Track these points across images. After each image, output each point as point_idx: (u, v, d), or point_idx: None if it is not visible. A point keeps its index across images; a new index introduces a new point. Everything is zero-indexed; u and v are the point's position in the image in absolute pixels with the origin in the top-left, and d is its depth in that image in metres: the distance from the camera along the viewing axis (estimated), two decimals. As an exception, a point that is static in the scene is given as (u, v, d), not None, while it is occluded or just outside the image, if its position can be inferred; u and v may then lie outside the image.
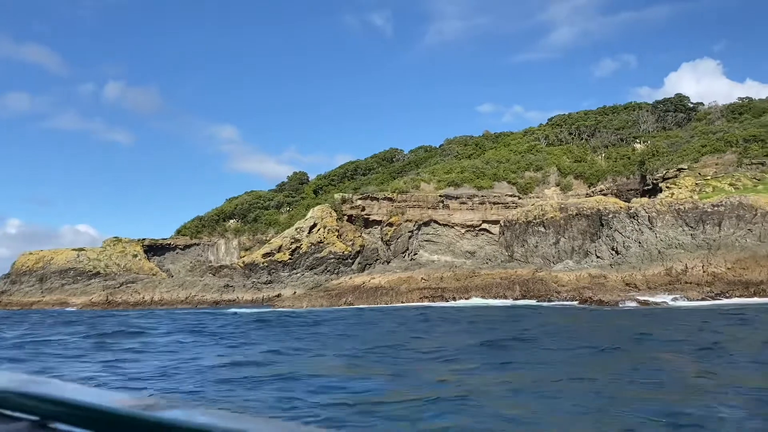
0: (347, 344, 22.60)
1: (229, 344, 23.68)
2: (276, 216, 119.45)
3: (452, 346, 20.30)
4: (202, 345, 23.69)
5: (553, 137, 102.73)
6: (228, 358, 19.34)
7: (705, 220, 56.32)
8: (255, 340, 25.64)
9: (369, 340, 23.64)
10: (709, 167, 75.63)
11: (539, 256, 60.63)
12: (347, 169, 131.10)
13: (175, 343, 24.35)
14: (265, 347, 22.05)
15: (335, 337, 26.08)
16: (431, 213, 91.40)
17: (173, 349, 22.45)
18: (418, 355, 18.63)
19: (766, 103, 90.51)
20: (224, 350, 21.77)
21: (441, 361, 17.21)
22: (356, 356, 18.93)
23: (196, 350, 21.76)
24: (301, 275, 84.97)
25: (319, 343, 23.46)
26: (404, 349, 20.21)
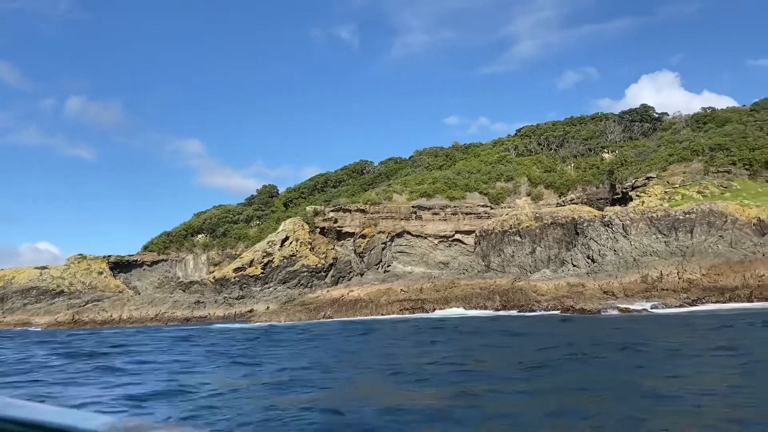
0: (377, 360, 21.45)
1: (250, 362, 22.24)
2: (245, 230, 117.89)
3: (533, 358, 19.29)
4: (222, 365, 22.21)
5: (522, 148, 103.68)
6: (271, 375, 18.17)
7: (677, 227, 57.14)
8: (271, 356, 24.06)
9: (410, 355, 22.33)
10: (676, 176, 76.98)
11: (516, 266, 60.73)
12: (317, 182, 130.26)
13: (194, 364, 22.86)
14: (292, 364, 20.72)
15: (361, 353, 24.59)
16: (404, 224, 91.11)
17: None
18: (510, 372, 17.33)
19: (729, 113, 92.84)
20: (247, 369, 20.27)
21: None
22: (398, 373, 17.65)
23: (229, 372, 20.27)
24: (274, 289, 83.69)
25: (348, 360, 22.06)
26: (463, 365, 19.00)
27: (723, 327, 27.33)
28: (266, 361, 22.10)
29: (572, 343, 23.29)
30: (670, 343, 22.07)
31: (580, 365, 17.73)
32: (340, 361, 22.05)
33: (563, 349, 21.14)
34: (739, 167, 73.69)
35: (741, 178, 72.71)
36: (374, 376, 17.68)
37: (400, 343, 28.43)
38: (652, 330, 28.57)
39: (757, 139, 76.64)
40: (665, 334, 26.04)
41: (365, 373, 18.48)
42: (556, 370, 16.72)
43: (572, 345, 22.39)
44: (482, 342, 26.49)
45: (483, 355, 21.59)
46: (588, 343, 23.45)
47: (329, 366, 20.14)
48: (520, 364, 18.25)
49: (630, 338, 23.99)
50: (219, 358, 24.10)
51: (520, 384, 14.53)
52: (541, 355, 20.34)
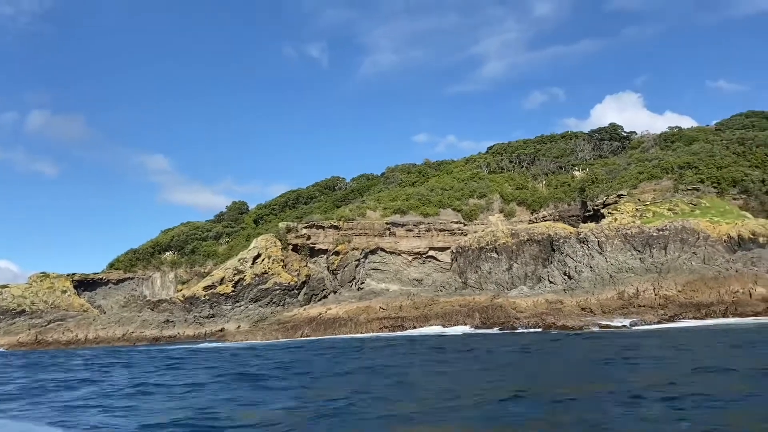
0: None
1: (285, 386, 20.86)
2: (215, 247, 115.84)
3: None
4: (262, 390, 20.64)
5: (494, 165, 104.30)
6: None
7: (651, 244, 57.75)
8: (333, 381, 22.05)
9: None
10: (647, 193, 78.07)
11: (493, 282, 60.60)
12: (288, 198, 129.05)
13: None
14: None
15: (405, 376, 22.36)
16: (378, 241, 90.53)
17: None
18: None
19: (695, 132, 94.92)
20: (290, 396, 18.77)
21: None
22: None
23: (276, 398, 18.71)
24: (245, 308, 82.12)
25: (398, 388, 20.05)
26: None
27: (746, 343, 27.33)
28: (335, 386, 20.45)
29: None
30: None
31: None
32: (395, 386, 20.13)
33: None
34: (708, 185, 75.10)
35: (709, 196, 74.03)
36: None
37: (453, 365, 26.17)
38: (680, 347, 28.12)
39: (724, 158, 78.32)
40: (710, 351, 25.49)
41: (462, 408, 15.52)
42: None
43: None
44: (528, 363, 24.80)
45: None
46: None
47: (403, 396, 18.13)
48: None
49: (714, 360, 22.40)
50: (265, 389, 21.16)
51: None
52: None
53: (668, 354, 25.57)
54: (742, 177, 74.34)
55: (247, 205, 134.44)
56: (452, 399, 16.55)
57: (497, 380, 20.18)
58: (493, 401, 15.57)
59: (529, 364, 24.98)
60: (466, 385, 19.55)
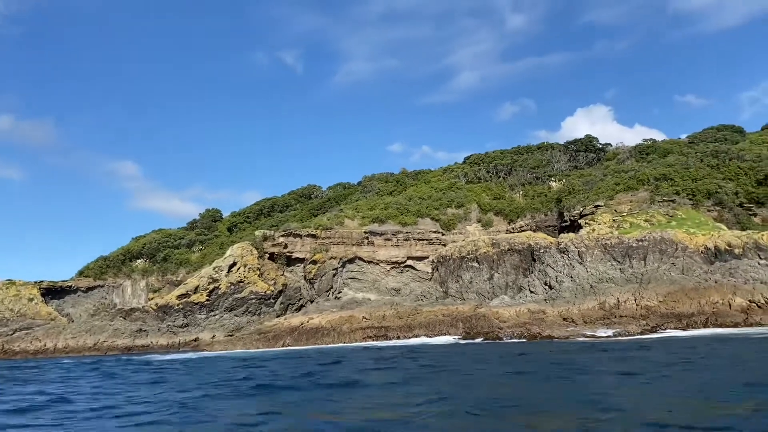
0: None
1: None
2: (187, 255, 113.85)
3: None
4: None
5: (472, 175, 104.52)
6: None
7: (631, 254, 58.13)
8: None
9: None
10: (624, 204, 78.84)
11: (474, 292, 60.37)
12: (263, 206, 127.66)
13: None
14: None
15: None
16: (356, 250, 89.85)
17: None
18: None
19: (669, 145, 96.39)
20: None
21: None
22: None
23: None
24: (220, 317, 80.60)
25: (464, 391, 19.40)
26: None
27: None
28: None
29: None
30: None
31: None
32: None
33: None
34: (683, 197, 76.10)
35: (685, 208, 75.00)
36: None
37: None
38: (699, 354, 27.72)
39: (699, 170, 79.50)
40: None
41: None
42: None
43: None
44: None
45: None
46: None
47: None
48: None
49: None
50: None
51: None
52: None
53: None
54: (717, 189, 75.52)
55: (220, 212, 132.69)
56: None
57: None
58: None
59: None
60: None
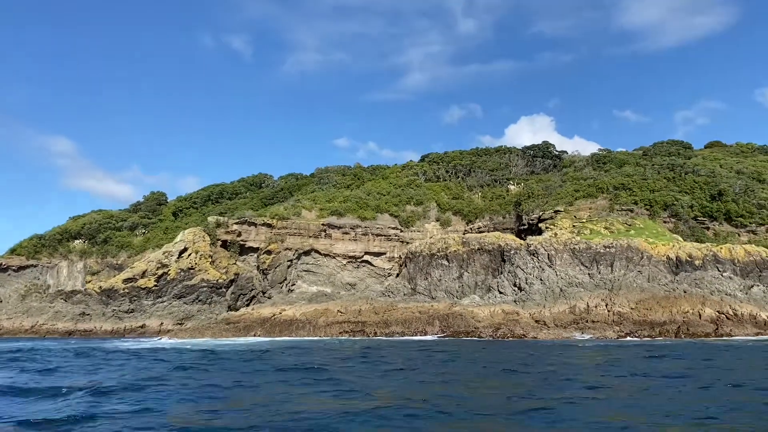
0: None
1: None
2: (129, 238, 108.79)
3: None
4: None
5: (431, 174, 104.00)
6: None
7: (598, 260, 58.59)
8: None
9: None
10: (583, 210, 79.83)
11: (443, 290, 59.50)
12: (211, 192, 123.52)
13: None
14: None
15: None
16: (313, 242, 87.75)
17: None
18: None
19: (624, 156, 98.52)
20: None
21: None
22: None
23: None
24: (169, 304, 76.99)
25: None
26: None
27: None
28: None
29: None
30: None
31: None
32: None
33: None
34: (641, 207, 77.74)
35: (642, 218, 76.57)
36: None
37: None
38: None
39: (656, 182, 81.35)
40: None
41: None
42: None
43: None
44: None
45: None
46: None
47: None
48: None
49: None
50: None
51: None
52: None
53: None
54: (673, 201, 77.47)
55: (165, 196, 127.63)
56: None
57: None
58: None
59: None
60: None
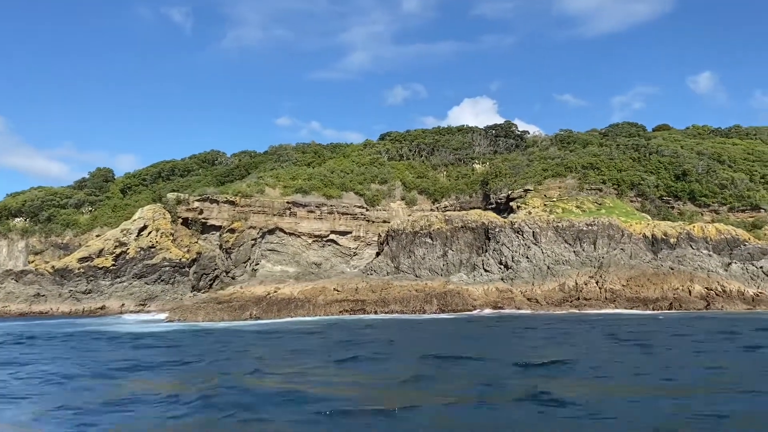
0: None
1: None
2: (75, 216, 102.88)
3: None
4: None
5: (394, 152, 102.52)
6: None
7: (581, 238, 58.75)
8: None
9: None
10: (552, 190, 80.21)
11: (427, 269, 58.33)
12: (162, 169, 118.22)
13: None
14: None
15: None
16: (277, 220, 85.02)
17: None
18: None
19: (587, 136, 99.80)
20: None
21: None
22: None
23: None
24: (129, 285, 73.05)
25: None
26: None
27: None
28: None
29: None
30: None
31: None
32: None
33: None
34: (609, 186, 78.74)
35: (611, 197, 77.57)
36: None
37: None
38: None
39: (623, 161, 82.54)
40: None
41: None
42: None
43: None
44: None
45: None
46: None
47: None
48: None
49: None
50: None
51: None
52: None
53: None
54: (640, 181, 78.85)
55: (112, 172, 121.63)
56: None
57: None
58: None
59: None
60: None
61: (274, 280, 74.85)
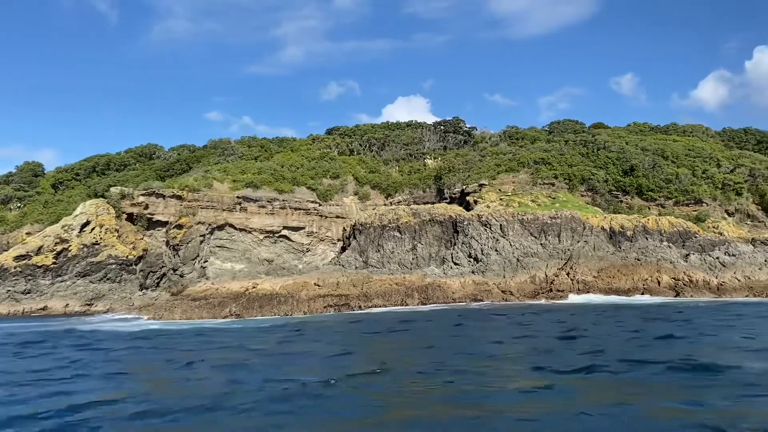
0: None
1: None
2: (2, 213, 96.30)
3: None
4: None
5: (344, 147, 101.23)
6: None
7: (546, 230, 59.41)
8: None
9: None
10: (507, 184, 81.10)
11: (396, 263, 57.40)
12: (97, 163, 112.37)
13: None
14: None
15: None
16: (227, 216, 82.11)
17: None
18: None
19: (534, 132, 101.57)
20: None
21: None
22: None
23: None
24: (72, 284, 68.64)
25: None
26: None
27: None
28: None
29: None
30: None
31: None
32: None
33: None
34: (561, 181, 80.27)
35: (563, 191, 79.12)
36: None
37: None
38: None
39: (573, 157, 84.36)
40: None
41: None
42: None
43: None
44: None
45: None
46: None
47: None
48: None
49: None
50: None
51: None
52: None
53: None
54: (590, 176, 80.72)
55: (42, 166, 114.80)
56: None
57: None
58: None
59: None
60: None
61: (227, 278, 72.43)
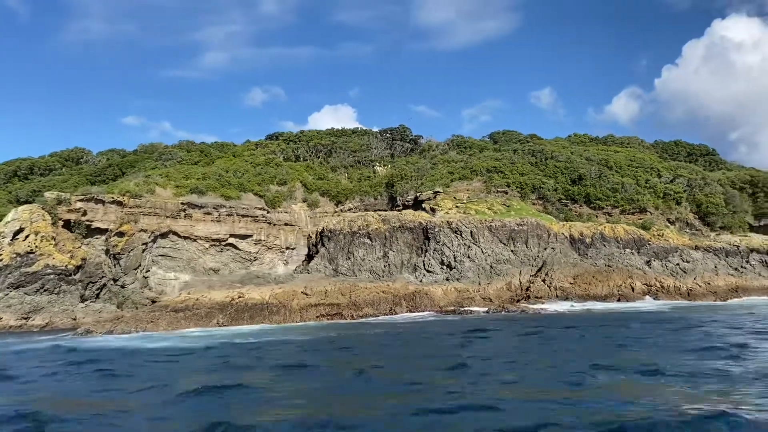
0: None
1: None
2: None
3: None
4: None
5: (290, 153, 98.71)
6: None
7: (515, 237, 59.50)
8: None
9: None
10: (461, 192, 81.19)
11: (367, 270, 55.63)
12: (19, 167, 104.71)
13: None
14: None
15: None
16: (171, 223, 77.78)
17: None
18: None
19: (481, 142, 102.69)
20: None
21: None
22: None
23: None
24: (5, 296, 62.65)
25: None
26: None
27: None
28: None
29: None
30: None
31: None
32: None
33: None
34: (513, 189, 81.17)
35: (516, 199, 79.99)
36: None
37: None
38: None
39: (523, 166, 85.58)
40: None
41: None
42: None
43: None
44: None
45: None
46: None
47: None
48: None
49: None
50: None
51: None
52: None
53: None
54: (540, 184, 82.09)
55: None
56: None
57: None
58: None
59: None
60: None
61: (171, 289, 68.70)
